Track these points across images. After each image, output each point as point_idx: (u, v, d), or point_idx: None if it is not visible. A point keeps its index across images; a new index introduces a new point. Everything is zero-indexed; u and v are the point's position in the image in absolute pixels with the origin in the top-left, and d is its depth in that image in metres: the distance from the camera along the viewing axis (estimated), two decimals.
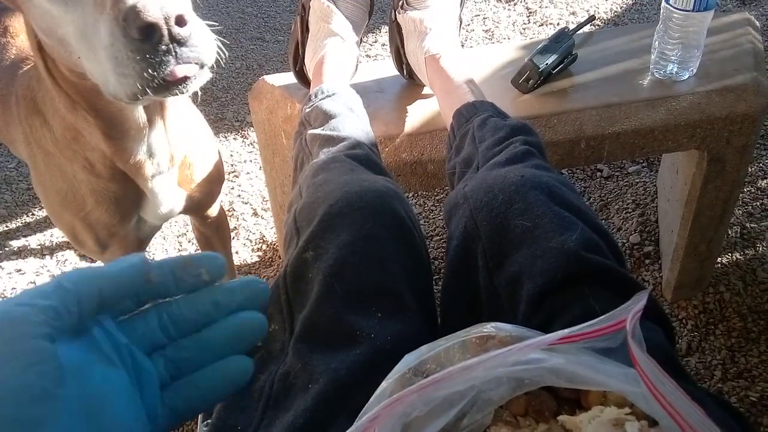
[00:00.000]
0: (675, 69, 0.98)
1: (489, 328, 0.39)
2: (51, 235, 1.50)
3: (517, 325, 0.47)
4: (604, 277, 0.48)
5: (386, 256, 0.51)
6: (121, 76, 0.55)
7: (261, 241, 1.44)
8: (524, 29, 2.00)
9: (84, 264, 1.43)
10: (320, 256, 0.50)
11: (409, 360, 0.38)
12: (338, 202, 0.53)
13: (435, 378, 0.35)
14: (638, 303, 0.35)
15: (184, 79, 0.56)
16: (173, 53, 0.54)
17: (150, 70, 0.53)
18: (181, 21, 0.53)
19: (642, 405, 0.36)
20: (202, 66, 0.57)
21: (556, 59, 0.98)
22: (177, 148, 0.82)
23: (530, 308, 0.48)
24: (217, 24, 0.59)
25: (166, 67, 0.54)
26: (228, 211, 1.52)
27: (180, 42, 0.53)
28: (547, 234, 0.49)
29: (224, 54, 0.58)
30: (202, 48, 0.55)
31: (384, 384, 0.38)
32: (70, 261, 1.44)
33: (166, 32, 0.52)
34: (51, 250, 1.47)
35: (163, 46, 0.53)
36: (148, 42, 0.52)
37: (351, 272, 0.49)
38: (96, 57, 0.57)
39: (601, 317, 0.35)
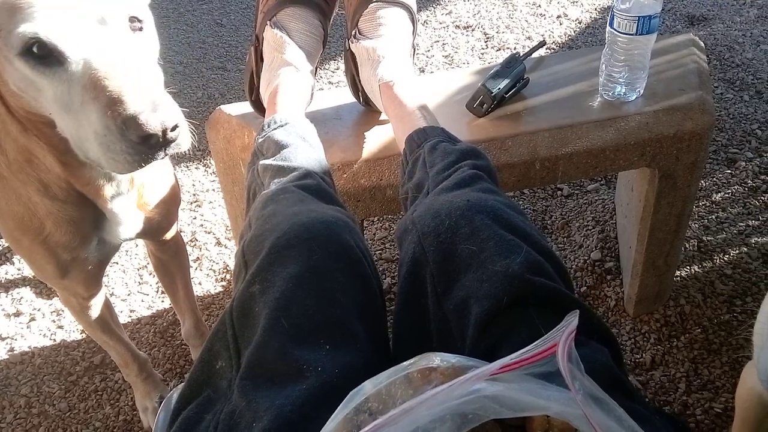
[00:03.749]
0: (623, 90, 1.01)
1: (432, 359, 0.39)
2: (5, 273, 1.45)
3: (465, 351, 0.47)
4: (550, 299, 0.49)
5: (334, 287, 0.51)
6: (112, 160, 0.60)
7: (225, 270, 1.42)
8: (482, 54, 2.05)
9: (40, 301, 1.39)
10: (267, 290, 0.50)
11: (351, 398, 0.37)
12: (286, 234, 0.53)
13: (377, 424, 0.35)
14: (570, 325, 0.35)
15: None
16: (163, 150, 0.61)
17: (142, 163, 0.61)
18: (175, 128, 0.59)
19: (583, 427, 0.36)
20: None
21: (508, 84, 1.00)
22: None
23: (478, 332, 0.48)
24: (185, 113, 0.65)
25: (155, 160, 0.61)
26: (191, 240, 1.50)
27: (170, 142, 0.61)
28: (492, 258, 0.50)
29: (195, 138, 0.67)
30: (183, 142, 0.63)
31: (327, 427, 0.37)
32: (26, 298, 1.40)
33: (161, 138, 0.59)
34: (6, 287, 1.43)
35: (156, 147, 0.60)
36: (144, 144, 0.59)
37: (298, 305, 0.48)
38: (77, 127, 0.61)
39: (536, 342, 0.35)
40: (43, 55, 0.58)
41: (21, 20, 0.57)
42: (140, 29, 0.66)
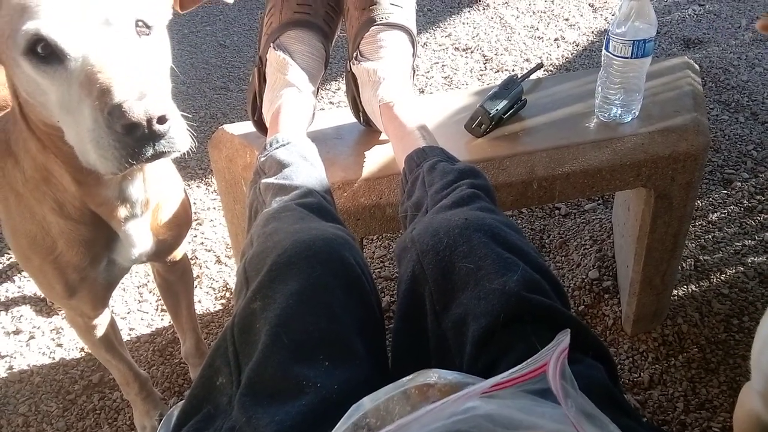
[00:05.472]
0: (618, 112, 1.03)
1: (430, 376, 0.39)
2: (6, 291, 1.46)
3: (463, 368, 0.48)
4: (546, 317, 0.49)
5: (334, 304, 0.52)
6: (102, 157, 0.59)
7: (224, 288, 1.42)
8: (481, 75, 2.08)
9: (40, 319, 1.39)
10: (268, 306, 0.50)
11: (350, 414, 0.38)
12: (287, 251, 0.54)
13: None
14: (561, 343, 0.36)
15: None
16: (151, 145, 0.59)
17: (129, 159, 0.59)
18: (162, 120, 0.57)
19: None
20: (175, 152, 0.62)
21: (505, 105, 1.02)
22: (153, 193, 0.83)
23: (476, 350, 0.49)
24: (189, 116, 0.64)
25: (143, 156, 0.59)
26: (191, 258, 1.50)
27: (159, 136, 0.58)
28: (489, 275, 0.51)
29: (195, 142, 0.64)
30: (177, 140, 0.61)
31: None
32: (26, 316, 1.40)
33: (147, 130, 0.57)
34: (6, 305, 1.43)
35: (143, 140, 0.58)
36: (130, 136, 0.57)
37: (298, 321, 0.49)
38: (76, 129, 0.60)
39: (528, 361, 0.36)
40: (46, 54, 0.59)
41: (27, 18, 0.58)
42: (147, 34, 0.65)
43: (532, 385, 0.36)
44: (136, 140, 0.57)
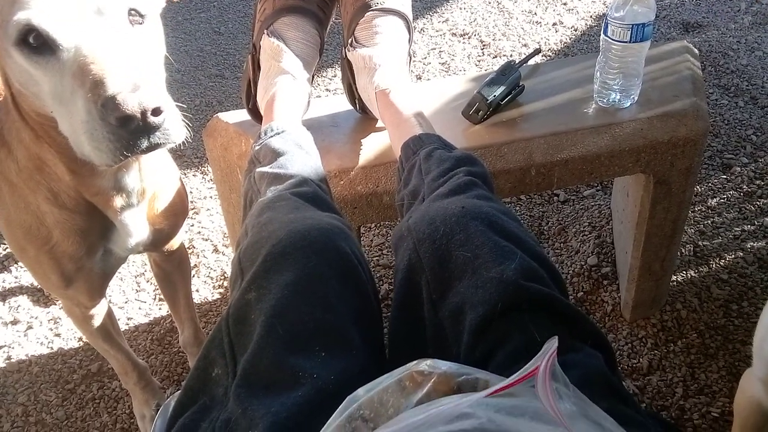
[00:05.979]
0: (617, 97, 1.02)
1: (425, 366, 0.39)
2: (3, 281, 1.45)
3: (460, 357, 0.48)
4: (544, 305, 0.49)
5: (330, 294, 0.51)
6: (96, 149, 0.58)
7: (222, 278, 1.42)
8: (479, 61, 2.06)
9: (38, 309, 1.39)
10: (263, 297, 0.50)
11: (345, 406, 0.37)
12: (282, 241, 0.53)
13: None
14: (549, 351, 0.35)
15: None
16: (146, 137, 0.58)
17: (124, 151, 0.58)
18: (156, 111, 0.56)
19: None
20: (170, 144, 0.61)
21: (503, 91, 1.01)
22: (149, 183, 0.82)
23: (473, 339, 0.48)
24: (183, 106, 0.64)
25: (138, 148, 0.58)
26: (188, 248, 1.50)
27: (154, 128, 0.57)
28: (486, 264, 0.50)
29: (190, 133, 0.64)
30: (172, 131, 0.60)
31: None
32: (23, 306, 1.40)
33: (141, 122, 0.56)
34: (3, 295, 1.42)
35: (138, 132, 0.57)
36: (125, 128, 0.56)
37: (293, 312, 0.49)
38: (70, 120, 0.60)
39: (518, 372, 0.35)
40: (38, 45, 0.58)
41: (18, 9, 0.57)
42: (140, 23, 0.65)
43: (532, 383, 0.36)
44: (131, 132, 0.57)
